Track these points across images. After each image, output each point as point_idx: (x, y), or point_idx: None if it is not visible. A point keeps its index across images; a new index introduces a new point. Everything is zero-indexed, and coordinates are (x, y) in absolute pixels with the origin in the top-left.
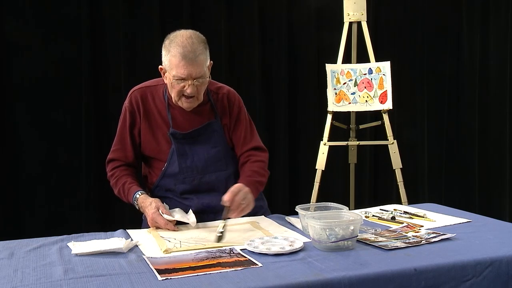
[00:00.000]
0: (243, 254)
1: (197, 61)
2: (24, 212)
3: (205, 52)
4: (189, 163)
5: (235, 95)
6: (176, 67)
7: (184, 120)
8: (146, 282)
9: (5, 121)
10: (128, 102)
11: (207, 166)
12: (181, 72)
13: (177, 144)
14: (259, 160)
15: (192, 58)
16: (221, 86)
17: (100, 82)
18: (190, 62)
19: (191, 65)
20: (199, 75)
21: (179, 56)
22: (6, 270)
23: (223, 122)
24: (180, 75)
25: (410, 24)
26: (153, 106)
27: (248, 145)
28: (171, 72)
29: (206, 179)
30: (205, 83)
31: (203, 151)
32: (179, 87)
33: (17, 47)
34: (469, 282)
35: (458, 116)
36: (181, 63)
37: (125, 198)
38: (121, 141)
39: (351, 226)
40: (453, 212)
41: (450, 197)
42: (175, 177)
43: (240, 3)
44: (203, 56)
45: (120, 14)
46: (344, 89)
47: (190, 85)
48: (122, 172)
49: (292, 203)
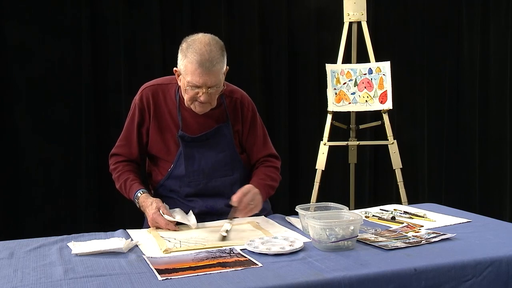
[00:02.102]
0: (243, 254)
1: (214, 71)
2: (24, 212)
3: (222, 60)
4: (196, 167)
5: (248, 100)
6: (192, 74)
7: (194, 123)
8: (146, 282)
9: (5, 121)
10: (138, 99)
11: (213, 171)
12: (196, 80)
13: (185, 147)
14: (273, 166)
15: (208, 67)
16: (235, 89)
17: (100, 82)
18: (206, 71)
19: (207, 75)
20: (214, 84)
21: (195, 64)
22: (6, 270)
23: (234, 128)
24: (195, 83)
25: (410, 24)
26: (164, 105)
27: (263, 151)
28: (186, 78)
29: (212, 183)
30: (219, 91)
31: (211, 155)
32: (193, 93)
33: (17, 47)
34: (469, 282)
35: (458, 116)
36: (197, 71)
37: (126, 194)
38: (127, 137)
39: (351, 226)
40: (453, 212)
41: (450, 197)
42: (180, 179)
43: (240, 3)
44: (220, 65)
45: (120, 14)
46: (344, 89)
47: (204, 93)
48: (125, 167)
49: (292, 203)
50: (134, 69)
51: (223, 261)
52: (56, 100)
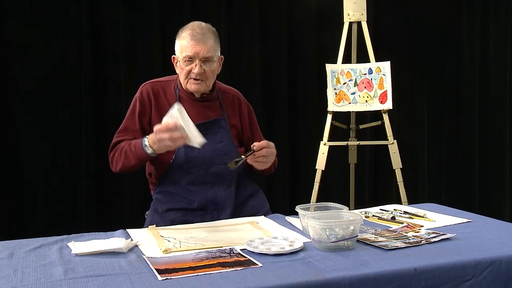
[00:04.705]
0: (243, 254)
1: (205, 42)
2: (24, 212)
3: (214, 40)
4: (195, 153)
5: (244, 98)
6: (185, 47)
7: (193, 113)
8: (146, 282)
9: (5, 121)
10: (139, 94)
11: (213, 158)
12: (189, 50)
13: None
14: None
15: (200, 38)
16: (230, 88)
17: (100, 82)
18: (198, 41)
19: (198, 44)
20: (207, 55)
21: (188, 37)
22: (6, 270)
23: (231, 122)
24: (188, 54)
25: (410, 24)
26: (164, 99)
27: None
28: (181, 55)
29: (212, 170)
30: (213, 69)
31: (210, 145)
32: (188, 68)
33: (17, 47)
34: (469, 282)
35: (458, 116)
36: (190, 43)
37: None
38: (127, 127)
39: (351, 226)
40: (453, 212)
41: (450, 197)
42: (181, 167)
43: (240, 3)
44: (211, 40)
45: (120, 14)
46: (344, 89)
47: (197, 65)
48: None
49: (292, 203)
50: (134, 69)
51: (223, 261)
52: (56, 100)
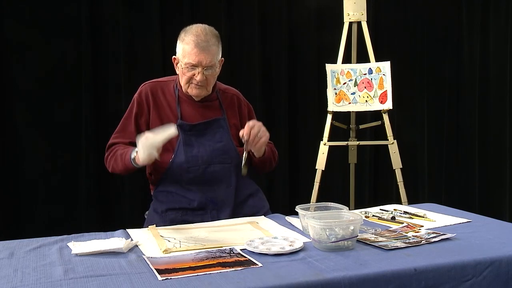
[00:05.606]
0: (243, 254)
1: (209, 50)
2: (24, 212)
3: (217, 45)
4: (195, 153)
5: (244, 98)
6: (189, 54)
7: (192, 114)
8: (146, 282)
9: (5, 120)
10: (137, 94)
11: (212, 157)
12: (193, 58)
13: (184, 135)
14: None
15: (204, 46)
16: (229, 87)
17: (100, 82)
18: (202, 50)
19: (202, 53)
20: (209, 64)
21: (192, 44)
22: (6, 270)
23: (231, 121)
24: (191, 61)
25: (410, 24)
26: (163, 99)
27: None
28: (184, 60)
29: (211, 169)
30: (214, 74)
31: (209, 144)
32: (190, 74)
33: (17, 47)
34: (469, 282)
35: (458, 116)
36: (194, 51)
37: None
38: (123, 128)
39: (351, 226)
40: (453, 212)
41: (450, 197)
42: (181, 166)
43: (240, 3)
44: (215, 47)
45: (120, 14)
46: (344, 89)
47: (199, 73)
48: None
49: (292, 203)
50: (134, 69)
51: (223, 261)
52: (56, 100)
